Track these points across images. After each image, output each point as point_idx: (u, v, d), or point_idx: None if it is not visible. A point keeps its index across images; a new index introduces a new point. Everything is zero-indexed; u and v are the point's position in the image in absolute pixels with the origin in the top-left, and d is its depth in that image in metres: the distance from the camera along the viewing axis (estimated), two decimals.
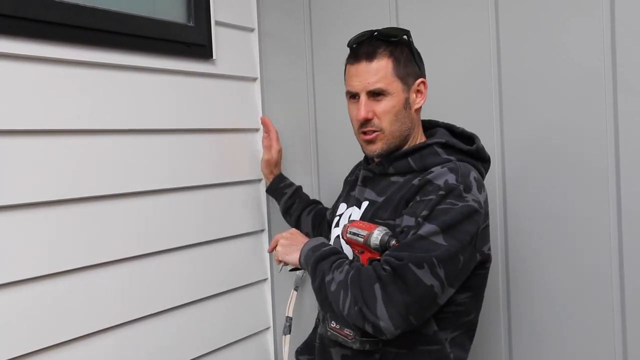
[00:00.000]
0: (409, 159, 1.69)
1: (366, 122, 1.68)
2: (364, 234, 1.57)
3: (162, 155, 2.11)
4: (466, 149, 1.70)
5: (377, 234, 1.55)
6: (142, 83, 2.04)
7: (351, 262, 1.60)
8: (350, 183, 1.94)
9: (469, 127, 1.82)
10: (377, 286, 1.46)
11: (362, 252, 1.60)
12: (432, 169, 1.62)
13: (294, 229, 1.87)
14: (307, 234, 2.05)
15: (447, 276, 1.48)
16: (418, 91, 1.72)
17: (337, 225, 1.84)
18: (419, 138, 1.76)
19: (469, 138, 1.76)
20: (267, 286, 2.57)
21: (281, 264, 1.81)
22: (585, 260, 1.92)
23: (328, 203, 2.20)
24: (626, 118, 1.84)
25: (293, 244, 1.75)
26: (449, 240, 1.49)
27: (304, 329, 2.24)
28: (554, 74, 1.96)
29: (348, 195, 1.87)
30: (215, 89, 2.34)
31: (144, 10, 2.07)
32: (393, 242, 1.53)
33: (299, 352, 1.94)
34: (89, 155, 1.85)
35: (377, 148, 1.70)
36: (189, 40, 2.20)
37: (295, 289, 2.36)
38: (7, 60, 1.66)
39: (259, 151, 2.53)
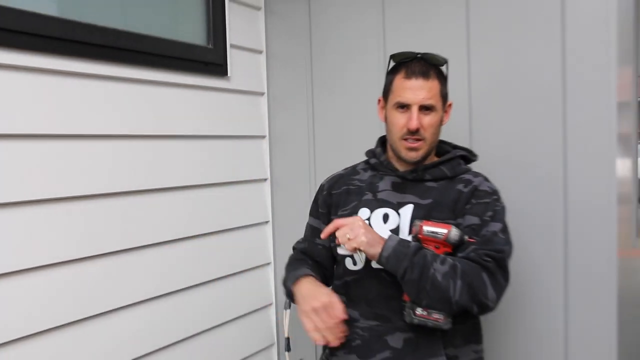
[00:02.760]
0: (443, 167, 1.71)
1: (416, 131, 1.65)
2: (444, 232, 1.57)
3: (183, 156, 2.12)
4: (471, 161, 1.79)
5: (455, 232, 1.57)
6: (168, 96, 2.06)
7: (441, 256, 1.55)
8: (352, 192, 1.81)
9: (445, 139, 1.84)
10: (484, 275, 1.51)
11: (437, 247, 1.60)
12: (463, 176, 1.70)
13: (358, 217, 1.63)
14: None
15: None
16: (446, 111, 1.74)
17: (370, 225, 1.71)
18: (435, 151, 1.79)
19: (472, 154, 1.81)
20: (270, 269, 2.58)
21: (362, 254, 1.58)
22: (536, 245, 1.98)
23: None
24: (573, 128, 1.91)
25: (375, 238, 1.58)
26: (505, 235, 1.61)
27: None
28: (514, 91, 2.01)
29: (369, 201, 1.75)
30: (229, 102, 2.35)
31: (170, 34, 2.10)
32: (466, 237, 1.58)
33: (336, 347, 1.70)
34: (123, 156, 1.89)
35: (418, 155, 1.68)
36: (208, 60, 2.22)
37: (287, 308, 2.30)
38: (66, 76, 1.71)
39: (265, 154, 2.56)
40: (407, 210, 1.68)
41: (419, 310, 1.57)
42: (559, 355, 1.96)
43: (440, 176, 1.71)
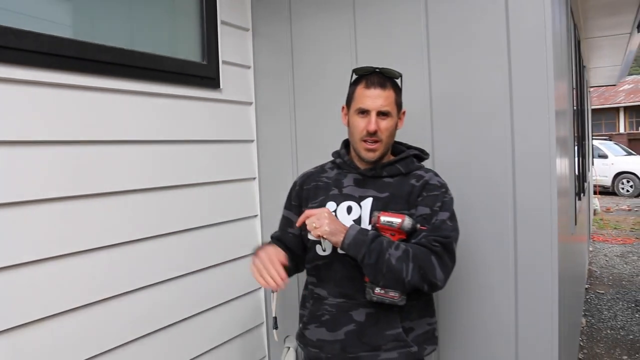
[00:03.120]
0: (398, 165, 1.79)
1: (374, 133, 1.73)
2: (398, 222, 1.65)
3: (183, 159, 2.16)
4: (424, 159, 1.88)
5: (408, 221, 1.65)
6: (168, 106, 2.10)
7: (395, 243, 1.63)
8: (320, 187, 1.87)
9: (409, 140, 1.90)
10: (433, 258, 1.61)
11: (393, 235, 1.66)
12: (414, 172, 1.79)
13: (326, 209, 1.71)
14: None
15: None
16: (400, 118, 1.82)
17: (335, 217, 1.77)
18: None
19: (425, 153, 1.89)
20: None
21: (325, 241, 1.67)
22: (489, 233, 2.06)
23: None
24: (519, 132, 1.99)
25: (338, 227, 1.66)
26: (453, 222, 1.71)
27: (286, 288, 2.33)
28: (468, 99, 2.09)
29: (334, 195, 1.82)
30: (222, 111, 2.40)
31: (170, 52, 2.14)
32: (418, 225, 1.67)
33: (307, 322, 1.84)
34: (130, 159, 1.93)
35: (375, 155, 1.76)
36: (202, 74, 2.26)
37: (273, 291, 2.31)
38: (82, 90, 1.77)
39: (253, 156, 2.60)
40: (368, 203, 1.76)
41: (377, 290, 1.66)
42: (510, 324, 2.03)
43: (395, 173, 1.79)
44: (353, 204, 1.79)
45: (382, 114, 1.74)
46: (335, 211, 1.79)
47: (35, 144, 1.63)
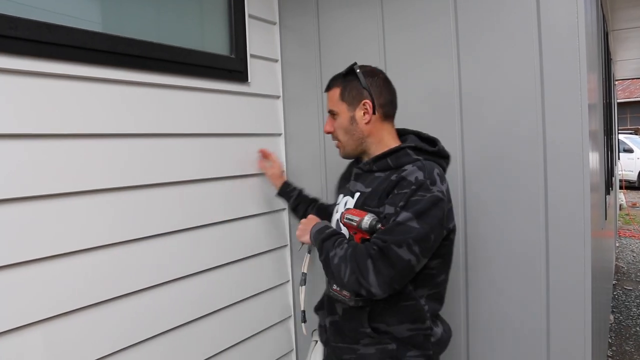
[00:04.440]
0: (388, 159, 1.71)
1: (331, 134, 1.82)
2: (357, 220, 1.60)
3: (212, 152, 2.17)
4: (430, 150, 1.72)
5: (367, 220, 1.58)
6: (196, 100, 2.11)
7: (349, 241, 1.63)
8: (345, 178, 1.95)
9: (438, 135, 1.82)
10: (368, 261, 1.51)
11: (355, 233, 1.63)
12: (405, 167, 1.63)
13: (311, 215, 1.87)
14: None
15: (421, 251, 1.52)
16: (365, 111, 1.73)
17: (337, 211, 1.85)
18: (391, 143, 1.76)
19: (432, 141, 1.78)
20: (287, 250, 2.61)
21: (301, 244, 1.85)
22: (519, 233, 2.02)
23: (334, 185, 2.13)
24: (551, 126, 1.95)
25: (306, 227, 1.79)
26: (421, 224, 1.51)
27: (315, 284, 2.31)
28: (497, 92, 2.05)
29: (344, 188, 1.88)
30: (249, 104, 2.40)
31: (198, 46, 2.15)
32: (379, 225, 1.57)
33: (317, 308, 1.95)
34: (160, 153, 1.94)
35: (342, 153, 1.83)
36: (231, 68, 2.27)
37: (309, 252, 2.45)
38: (112, 84, 1.77)
39: (281, 150, 2.60)
40: (356, 198, 1.76)
41: (334, 286, 1.70)
42: (542, 322, 2.00)
43: (384, 167, 1.72)
44: (349, 198, 1.81)
45: (331, 114, 1.80)
46: (338, 205, 1.87)
47: (68, 138, 1.65)
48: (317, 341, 2.48)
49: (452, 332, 1.83)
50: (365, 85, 1.74)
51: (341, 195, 1.87)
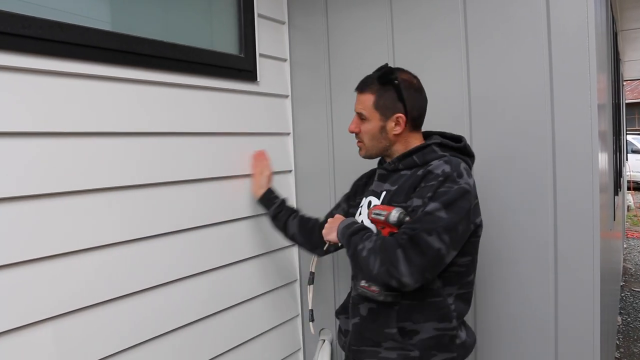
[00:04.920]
0: (414, 156, 1.73)
1: (356, 134, 1.82)
2: (385, 214, 1.62)
3: (219, 151, 2.17)
4: (456, 147, 1.76)
5: (395, 213, 1.60)
6: (205, 99, 2.11)
7: (376, 235, 1.64)
8: (363, 185, 1.99)
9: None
10: (398, 251, 1.51)
11: (383, 227, 1.64)
12: (432, 162, 1.67)
13: (337, 215, 1.88)
14: (293, 235, 2.13)
15: (451, 241, 1.54)
16: (396, 123, 1.74)
17: (360, 213, 1.86)
18: (417, 144, 1.77)
19: (458, 139, 1.80)
20: (294, 250, 2.61)
21: (327, 243, 1.84)
22: (528, 234, 2.03)
23: (343, 186, 2.17)
24: (560, 127, 1.94)
25: (333, 225, 1.79)
26: (449, 214, 1.54)
27: (322, 282, 2.35)
28: (507, 92, 2.04)
29: (367, 191, 1.89)
30: (258, 104, 2.40)
31: (208, 45, 2.15)
32: (407, 218, 1.60)
33: (339, 312, 1.94)
34: (170, 151, 1.95)
35: (362, 153, 1.84)
36: (240, 67, 2.27)
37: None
38: (122, 82, 1.78)
39: (289, 149, 2.60)
40: (382, 197, 1.77)
41: (362, 282, 1.68)
42: (549, 323, 2.00)
43: (411, 164, 1.74)
44: (374, 198, 1.81)
45: (360, 116, 1.80)
46: (362, 206, 1.87)
47: (81, 136, 1.66)
48: (324, 340, 2.51)
49: (476, 340, 1.84)
50: (401, 97, 1.74)
51: (364, 198, 1.88)
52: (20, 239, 1.49)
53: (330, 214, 2.04)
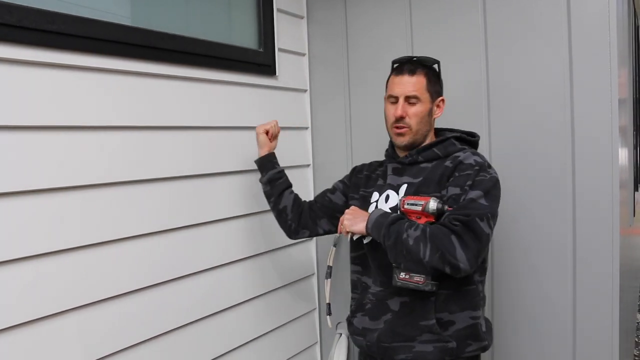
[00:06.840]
0: (434, 149, 1.77)
1: (401, 119, 1.76)
2: (422, 203, 1.61)
3: (240, 144, 2.18)
4: (473, 141, 1.83)
5: (433, 202, 1.60)
6: (225, 93, 2.13)
7: (418, 224, 1.61)
8: (372, 178, 1.93)
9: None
10: (453, 237, 1.52)
11: (419, 218, 1.63)
12: (455, 154, 1.73)
13: (353, 206, 1.82)
14: (284, 207, 2.04)
15: (493, 227, 1.59)
16: (438, 106, 1.81)
17: (376, 208, 1.80)
18: (432, 139, 1.83)
19: (471, 134, 1.85)
20: (312, 244, 2.63)
21: (349, 234, 1.76)
22: (546, 230, 2.01)
23: None
24: (580, 121, 1.93)
25: (357, 216, 1.74)
26: (489, 201, 1.59)
27: (339, 276, 2.36)
28: (526, 87, 2.04)
29: (377, 187, 1.87)
30: (277, 98, 2.41)
31: (227, 40, 2.17)
32: (446, 207, 1.61)
33: (354, 311, 1.88)
34: (185, 144, 1.95)
35: (405, 140, 1.78)
36: (259, 61, 2.28)
37: (334, 246, 2.43)
38: (142, 77, 1.80)
39: (308, 143, 2.60)
40: (403, 190, 1.76)
41: (402, 274, 1.62)
42: (567, 321, 1.99)
43: (432, 157, 1.77)
44: (391, 192, 1.80)
45: (410, 99, 1.76)
46: (377, 201, 1.83)
47: (104, 130, 1.67)
48: (341, 334, 2.52)
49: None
50: (441, 82, 1.84)
51: (375, 194, 1.86)
52: (43, 232, 1.50)
53: (329, 200, 2.02)
